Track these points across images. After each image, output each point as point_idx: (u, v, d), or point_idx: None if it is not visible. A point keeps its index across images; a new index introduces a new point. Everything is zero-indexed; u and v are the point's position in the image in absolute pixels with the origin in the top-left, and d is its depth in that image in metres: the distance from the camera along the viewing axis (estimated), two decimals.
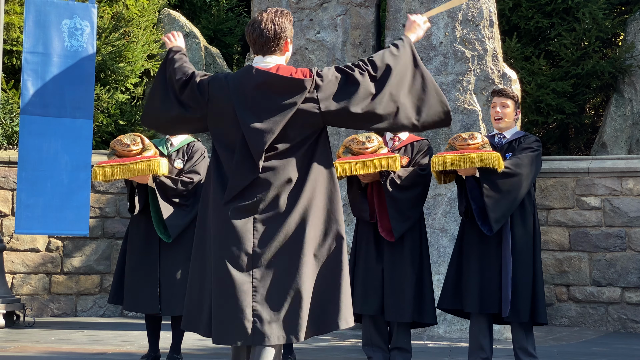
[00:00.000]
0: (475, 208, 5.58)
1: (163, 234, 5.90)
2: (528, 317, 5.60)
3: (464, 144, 5.59)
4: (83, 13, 7.56)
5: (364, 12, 8.77)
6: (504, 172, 5.52)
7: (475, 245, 5.66)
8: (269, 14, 3.96)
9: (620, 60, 11.57)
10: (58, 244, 9.47)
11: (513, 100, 5.85)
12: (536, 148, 5.73)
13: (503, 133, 5.86)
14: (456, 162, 5.53)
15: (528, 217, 5.69)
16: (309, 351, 6.99)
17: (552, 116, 11.56)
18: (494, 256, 5.61)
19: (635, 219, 9.25)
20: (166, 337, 6.23)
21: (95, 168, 5.83)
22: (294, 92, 3.84)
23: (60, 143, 7.48)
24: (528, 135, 5.85)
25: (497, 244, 5.61)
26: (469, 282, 5.65)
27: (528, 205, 5.69)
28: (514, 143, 5.79)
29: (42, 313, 9.37)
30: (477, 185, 5.60)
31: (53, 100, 7.46)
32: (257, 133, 3.83)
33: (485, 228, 5.55)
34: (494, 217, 5.50)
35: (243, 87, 3.90)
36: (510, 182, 5.54)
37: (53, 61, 7.47)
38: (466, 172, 5.61)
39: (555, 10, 11.80)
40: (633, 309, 9.22)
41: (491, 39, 8.50)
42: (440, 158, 5.57)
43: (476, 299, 5.59)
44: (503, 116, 5.82)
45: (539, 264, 5.71)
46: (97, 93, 9.92)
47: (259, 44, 3.96)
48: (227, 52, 12.63)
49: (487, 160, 5.49)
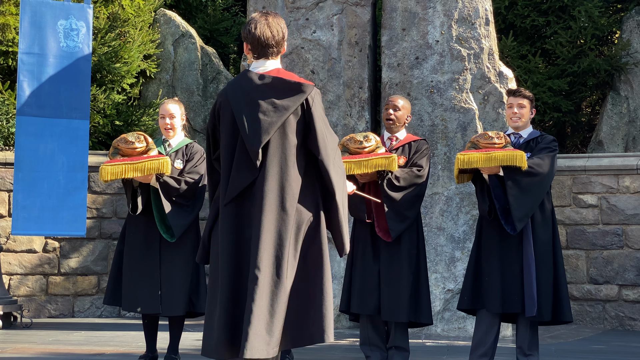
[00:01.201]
0: (499, 207, 5.58)
1: (166, 234, 5.89)
2: (550, 316, 5.60)
3: (490, 142, 5.59)
4: (79, 13, 7.56)
5: (360, 11, 8.77)
6: (527, 172, 5.54)
7: (496, 245, 5.65)
8: (268, 19, 4.02)
9: (616, 58, 11.58)
10: (55, 245, 9.46)
11: (529, 100, 5.86)
12: (554, 148, 5.76)
13: (519, 132, 5.86)
14: (482, 160, 5.53)
15: (548, 216, 5.70)
16: (307, 350, 6.98)
17: (549, 114, 11.57)
18: (515, 255, 5.60)
19: (632, 216, 9.26)
20: (164, 338, 6.22)
21: (103, 167, 5.79)
22: (293, 95, 3.94)
23: (56, 144, 7.48)
24: (545, 135, 5.86)
25: (517, 243, 5.61)
26: (491, 282, 5.63)
27: (547, 204, 5.71)
28: (531, 143, 5.79)
29: (39, 314, 9.35)
30: (500, 184, 5.61)
31: (49, 101, 7.46)
32: (254, 133, 3.90)
33: (508, 227, 5.55)
34: (517, 215, 5.50)
35: (243, 90, 3.99)
36: (533, 181, 5.56)
37: (49, 62, 7.47)
38: (490, 171, 5.61)
39: (551, 9, 11.81)
40: (630, 306, 9.23)
41: (487, 38, 8.50)
42: (466, 156, 5.57)
43: (499, 298, 5.58)
44: (520, 116, 5.82)
45: (560, 262, 5.71)
46: (93, 93, 9.90)
47: (259, 48, 4.02)
48: (223, 52, 12.62)
49: (513, 159, 5.50)
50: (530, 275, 5.53)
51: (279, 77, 3.99)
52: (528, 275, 5.54)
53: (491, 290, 5.62)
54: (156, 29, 10.99)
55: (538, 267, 5.57)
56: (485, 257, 5.71)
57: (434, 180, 8.29)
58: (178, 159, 6.10)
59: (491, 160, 5.52)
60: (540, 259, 5.59)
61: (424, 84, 8.45)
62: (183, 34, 11.08)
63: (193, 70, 10.97)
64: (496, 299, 5.59)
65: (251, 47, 4.05)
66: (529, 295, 5.51)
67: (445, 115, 8.39)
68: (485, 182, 5.69)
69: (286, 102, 3.93)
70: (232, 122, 3.98)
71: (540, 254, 5.60)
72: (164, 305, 5.90)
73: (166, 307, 5.90)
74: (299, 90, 3.96)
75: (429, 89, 8.45)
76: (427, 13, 8.54)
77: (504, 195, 5.56)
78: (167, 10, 11.39)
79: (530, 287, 5.51)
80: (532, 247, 5.57)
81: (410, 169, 5.86)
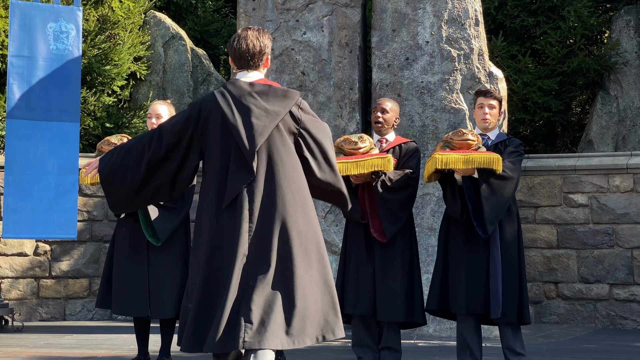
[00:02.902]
0: (472, 209, 5.57)
1: (152, 237, 5.88)
2: (515, 317, 5.61)
3: (464, 139, 5.57)
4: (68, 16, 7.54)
5: (350, 12, 8.77)
6: (501, 175, 5.55)
7: (462, 246, 5.66)
8: (253, 32, 4.25)
9: (606, 57, 11.63)
10: (46, 248, 9.43)
11: (499, 101, 5.88)
12: (521, 152, 5.79)
13: (488, 134, 5.86)
14: (460, 161, 5.53)
15: (513, 218, 5.72)
16: (299, 352, 6.98)
17: (539, 114, 11.60)
18: (482, 257, 5.60)
19: (622, 215, 9.30)
20: (155, 340, 6.21)
21: (83, 171, 5.80)
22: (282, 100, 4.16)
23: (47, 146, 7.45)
24: (512, 139, 5.87)
25: (484, 244, 5.61)
26: (456, 283, 5.64)
27: (513, 207, 5.73)
28: (500, 145, 5.80)
29: (30, 317, 9.33)
30: (473, 186, 5.61)
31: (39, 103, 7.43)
32: (249, 137, 4.05)
33: (480, 229, 5.55)
34: (489, 218, 5.51)
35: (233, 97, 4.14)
36: (505, 185, 5.57)
37: (39, 64, 7.44)
38: (465, 172, 5.61)
39: (540, 9, 11.85)
40: (621, 305, 9.26)
41: (477, 38, 8.52)
42: (444, 156, 5.56)
43: (464, 299, 5.59)
44: (491, 117, 5.83)
45: (523, 264, 5.73)
46: (83, 96, 9.89)
47: (244, 60, 4.23)
48: (213, 54, 12.62)
49: (491, 162, 5.51)
50: (497, 277, 5.53)
51: (267, 84, 4.19)
52: (494, 276, 5.54)
53: (456, 292, 5.62)
54: (146, 31, 10.98)
55: (504, 268, 5.57)
56: (452, 258, 5.71)
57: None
58: None
59: (469, 163, 5.51)
60: (506, 261, 5.59)
61: (414, 85, 8.46)
62: (173, 36, 11.07)
63: (183, 72, 10.96)
64: (462, 300, 5.59)
65: (232, 59, 4.29)
66: (495, 297, 5.51)
67: (436, 116, 8.40)
68: (457, 183, 5.69)
69: (277, 108, 4.12)
70: (222, 127, 4.10)
71: (506, 257, 5.60)
72: (153, 308, 5.88)
73: (155, 309, 5.88)
74: (286, 96, 4.17)
75: (420, 90, 8.47)
76: (417, 14, 8.55)
77: (477, 198, 5.56)
78: (157, 12, 11.37)
79: (496, 288, 5.52)
80: (498, 249, 5.57)
81: (402, 170, 5.89)
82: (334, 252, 8.18)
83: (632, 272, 9.21)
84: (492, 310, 5.52)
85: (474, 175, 5.61)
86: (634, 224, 9.25)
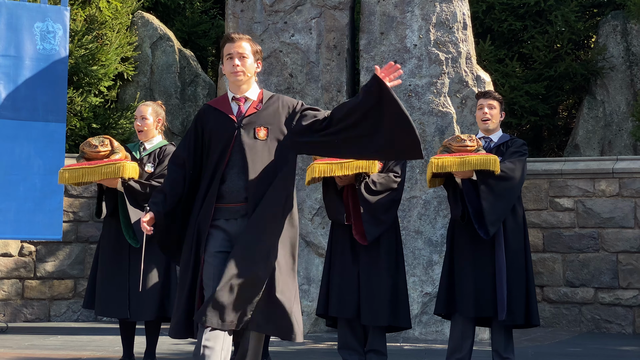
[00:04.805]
0: (472, 211, 5.57)
1: (132, 239, 5.85)
2: (523, 319, 5.61)
3: (462, 145, 5.58)
4: (55, 16, 7.51)
5: (338, 14, 8.77)
6: (500, 176, 5.54)
7: (468, 249, 5.66)
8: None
9: (593, 62, 11.68)
10: (31, 249, 9.38)
11: (498, 102, 5.87)
12: (524, 152, 5.77)
13: (490, 136, 5.87)
14: (456, 164, 5.53)
15: (520, 220, 5.71)
16: (285, 354, 6.98)
17: (526, 118, 11.64)
18: (488, 259, 5.61)
19: (608, 220, 9.33)
20: (141, 342, 6.19)
21: (61, 171, 5.78)
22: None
23: (32, 147, 7.43)
24: (515, 139, 5.87)
25: (490, 247, 5.61)
26: (463, 287, 5.64)
27: (519, 208, 5.73)
28: (502, 147, 5.80)
29: (15, 318, 9.28)
30: (473, 188, 5.60)
31: (25, 103, 7.41)
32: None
33: (482, 231, 5.55)
34: (490, 220, 5.50)
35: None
36: (506, 186, 5.56)
37: (25, 64, 7.41)
38: (463, 175, 5.61)
39: (528, 13, 11.88)
40: (606, 309, 9.30)
41: (465, 42, 8.54)
42: (439, 160, 5.56)
43: (471, 303, 5.59)
44: (491, 117, 5.83)
45: (530, 267, 5.73)
46: (70, 96, 9.84)
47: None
48: (201, 55, 12.58)
49: (487, 163, 5.50)
50: (502, 280, 5.54)
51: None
52: (499, 279, 5.55)
53: (464, 295, 5.63)
54: (134, 31, 10.95)
55: (510, 271, 5.58)
56: (458, 262, 5.71)
57: (412, 183, 8.31)
58: (150, 162, 6.03)
59: (465, 165, 5.52)
60: (513, 264, 5.60)
61: (402, 88, 8.47)
62: (161, 37, 11.04)
63: (171, 73, 10.93)
64: (469, 303, 5.60)
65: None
66: (500, 299, 5.52)
67: (424, 119, 8.41)
68: (458, 186, 5.69)
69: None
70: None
71: (512, 259, 5.61)
72: (133, 310, 5.85)
73: (135, 311, 5.85)
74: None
75: (407, 93, 8.47)
76: (405, 17, 8.56)
77: (477, 200, 5.56)
78: (145, 13, 11.34)
79: (501, 291, 5.53)
80: (503, 251, 5.58)
81: (387, 174, 5.88)
82: (320, 255, 8.17)
83: (617, 276, 9.24)
84: (499, 313, 5.52)
85: (472, 177, 5.61)
86: (620, 228, 9.28)
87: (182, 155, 4.33)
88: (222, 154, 4.23)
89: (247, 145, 4.22)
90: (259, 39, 8.74)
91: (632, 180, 9.29)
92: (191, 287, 4.18)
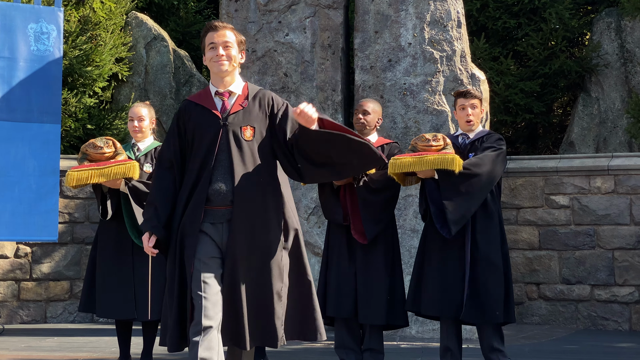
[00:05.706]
0: (434, 210, 5.53)
1: (138, 239, 5.85)
2: (503, 318, 5.58)
3: (427, 144, 5.56)
4: (49, 17, 7.49)
5: (332, 13, 8.77)
6: (462, 173, 5.45)
7: (438, 248, 5.62)
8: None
9: (587, 59, 11.69)
10: (27, 250, 9.37)
11: (479, 99, 5.85)
12: (498, 147, 5.65)
13: (467, 133, 5.84)
14: (412, 164, 5.49)
15: (492, 217, 5.63)
16: (282, 354, 6.97)
17: (521, 116, 11.65)
18: (457, 259, 5.57)
19: (604, 217, 9.34)
20: (137, 343, 6.18)
21: (69, 172, 5.75)
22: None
23: (27, 148, 7.40)
24: (491, 134, 5.80)
25: (460, 246, 5.57)
26: (429, 285, 5.62)
27: (492, 205, 5.63)
28: (476, 143, 5.73)
29: (11, 320, 9.26)
30: (436, 187, 5.56)
31: (20, 105, 7.38)
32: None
33: (444, 231, 5.50)
34: (452, 219, 5.44)
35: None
36: (469, 183, 5.47)
37: (19, 66, 7.39)
38: (424, 175, 5.58)
39: (522, 11, 11.89)
40: (602, 306, 9.31)
41: (459, 40, 8.54)
42: (397, 160, 5.54)
43: (436, 302, 5.57)
44: (474, 117, 5.80)
45: (508, 264, 5.68)
46: (64, 97, 9.83)
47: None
48: (195, 55, 12.56)
49: (444, 162, 5.43)
50: (467, 279, 5.50)
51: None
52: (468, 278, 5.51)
53: (429, 294, 5.62)
54: (128, 32, 10.93)
55: (484, 269, 5.52)
56: (427, 260, 5.68)
57: None
58: (147, 162, 6.06)
59: (422, 164, 5.48)
60: (486, 261, 5.53)
61: (397, 87, 8.47)
62: (155, 37, 11.02)
63: (165, 74, 10.92)
64: (434, 302, 5.58)
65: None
66: (468, 299, 5.49)
67: (418, 118, 8.41)
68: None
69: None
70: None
71: (485, 256, 5.53)
72: (139, 311, 5.86)
73: (141, 312, 5.86)
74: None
75: (402, 92, 8.48)
76: (400, 16, 8.56)
77: (440, 199, 5.51)
78: (139, 13, 11.32)
79: (469, 290, 5.49)
80: (469, 250, 5.51)
81: (384, 171, 5.87)
82: (317, 254, 8.17)
83: (613, 273, 9.25)
84: (464, 313, 5.49)
85: (434, 176, 5.58)
86: (615, 225, 9.30)
87: (169, 157, 4.16)
88: (207, 153, 4.07)
89: (233, 146, 4.06)
90: (253, 39, 8.74)
91: (628, 177, 9.30)
92: (180, 297, 4.05)
